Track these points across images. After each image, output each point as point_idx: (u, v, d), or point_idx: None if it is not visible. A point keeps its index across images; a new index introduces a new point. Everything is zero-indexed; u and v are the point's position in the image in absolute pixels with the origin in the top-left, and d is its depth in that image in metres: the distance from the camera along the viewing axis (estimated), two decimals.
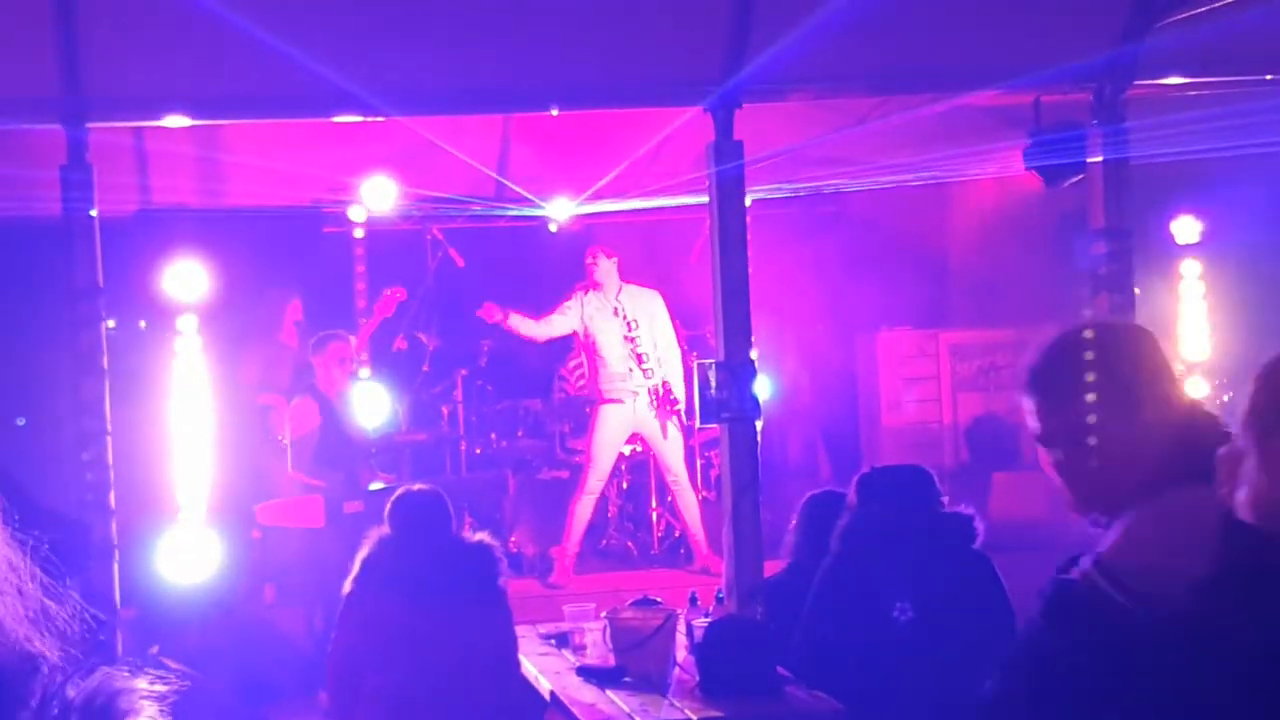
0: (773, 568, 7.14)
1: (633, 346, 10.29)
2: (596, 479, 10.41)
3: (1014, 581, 5.83)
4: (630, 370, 10.29)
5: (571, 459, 10.95)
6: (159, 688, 1.47)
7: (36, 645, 1.41)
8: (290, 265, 10.62)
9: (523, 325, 10.52)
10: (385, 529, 6.24)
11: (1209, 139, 7.78)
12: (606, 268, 10.47)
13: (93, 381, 6.91)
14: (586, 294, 10.48)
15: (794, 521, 6.71)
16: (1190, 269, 10.41)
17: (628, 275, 10.66)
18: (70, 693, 1.41)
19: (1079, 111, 7.02)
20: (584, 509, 10.41)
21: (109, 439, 6.93)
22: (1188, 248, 10.29)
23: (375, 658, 6.05)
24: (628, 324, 10.31)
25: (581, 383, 11.27)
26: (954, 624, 5.72)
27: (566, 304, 10.53)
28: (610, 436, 10.32)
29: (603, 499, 10.83)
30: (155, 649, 8.44)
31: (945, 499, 6.08)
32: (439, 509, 6.30)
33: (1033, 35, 6.82)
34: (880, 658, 5.73)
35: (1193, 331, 10.40)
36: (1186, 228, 10.31)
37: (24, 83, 6.85)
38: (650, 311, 10.45)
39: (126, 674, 1.46)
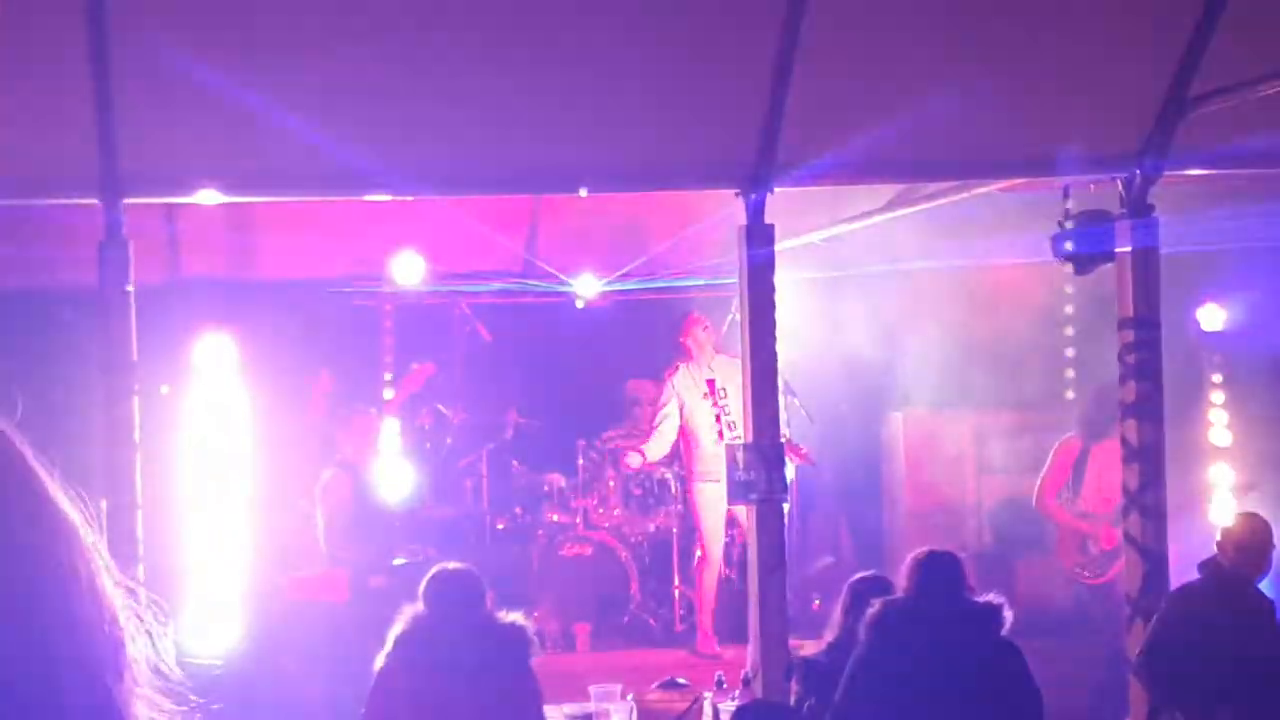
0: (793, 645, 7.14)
1: (720, 413, 10.20)
2: (715, 546, 10.45)
3: (1039, 665, 5.84)
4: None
5: (594, 534, 10.95)
6: None
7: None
8: (319, 338, 10.67)
9: (650, 453, 10.59)
10: (419, 606, 6.24)
11: (1241, 230, 7.84)
12: (701, 339, 10.45)
13: (125, 454, 6.94)
14: (677, 371, 10.46)
15: (840, 603, 6.73)
16: (1214, 358, 10.45)
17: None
18: None
19: (1108, 199, 7.06)
20: (709, 578, 10.45)
21: (139, 512, 6.95)
22: (1212, 335, 10.33)
23: None
24: (715, 393, 10.21)
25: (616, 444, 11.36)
26: (982, 711, 5.71)
27: (661, 398, 10.53)
28: (715, 512, 10.27)
29: (624, 576, 10.82)
30: None
31: (973, 585, 6.10)
32: (473, 588, 6.30)
33: (1064, 126, 6.86)
34: None
35: (1216, 418, 10.42)
36: (1212, 315, 10.35)
37: (63, 160, 6.93)
38: (738, 382, 10.35)
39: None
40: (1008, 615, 5.93)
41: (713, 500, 10.12)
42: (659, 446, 10.56)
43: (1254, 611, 6.69)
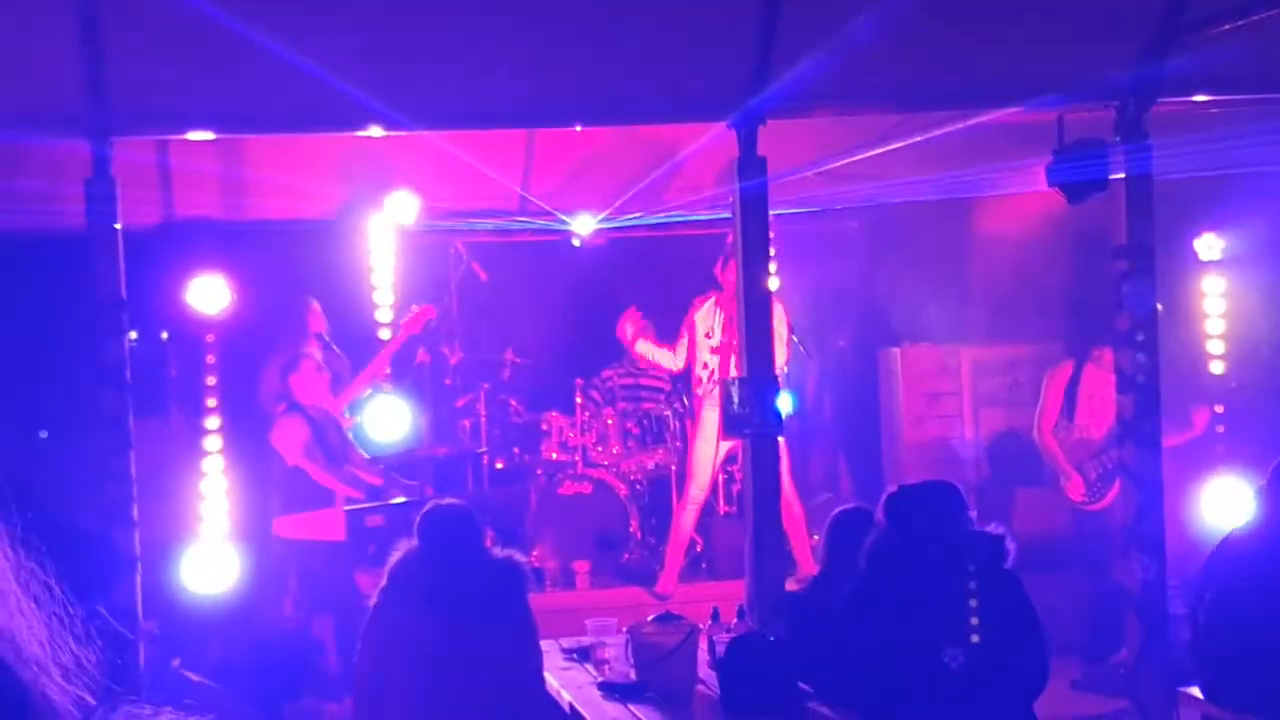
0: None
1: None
2: (697, 488, 10.42)
3: (1038, 597, 5.82)
4: None
5: (594, 473, 10.95)
6: None
7: (56, 678, 1.40)
8: (312, 278, 10.65)
9: (655, 354, 10.49)
10: (414, 542, 6.24)
11: (1233, 156, 7.78)
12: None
13: (116, 395, 6.93)
14: (702, 305, 10.32)
15: (822, 537, 6.72)
16: (1213, 285, 10.42)
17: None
18: None
19: (1102, 128, 7.00)
20: (686, 519, 10.44)
21: (131, 452, 6.94)
22: (1210, 264, 10.30)
23: (400, 670, 6.05)
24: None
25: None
26: (983, 644, 5.69)
27: (682, 326, 10.40)
28: (707, 442, 10.18)
29: (624, 514, 10.83)
30: (177, 661, 8.47)
31: (974, 515, 6.06)
32: (468, 524, 6.29)
33: (1056, 52, 6.81)
34: (908, 677, 5.70)
35: (1213, 348, 10.40)
36: (1209, 245, 10.32)
37: (50, 98, 6.89)
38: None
39: (150, 711, 1.45)
40: (1010, 547, 5.87)
41: (709, 430, 10.11)
42: (668, 357, 10.46)
43: None
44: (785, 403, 9.14)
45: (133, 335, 8.15)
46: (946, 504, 5.96)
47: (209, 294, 9.50)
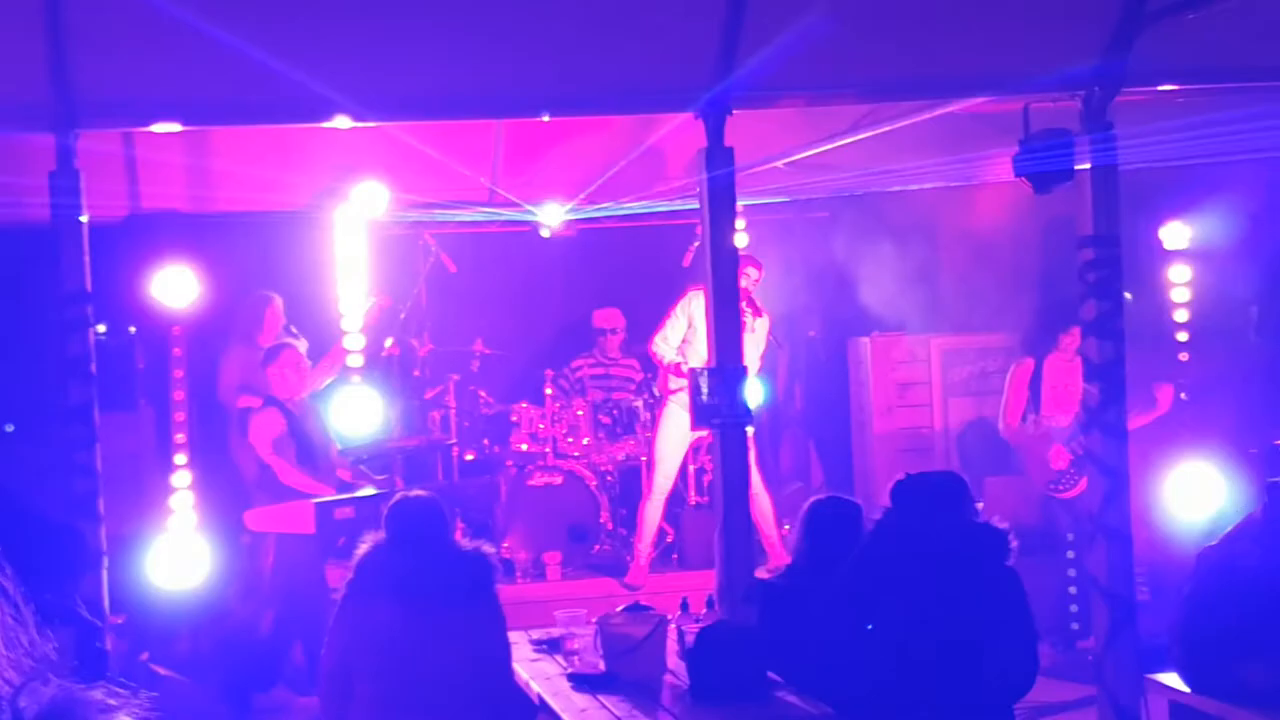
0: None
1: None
2: (663, 478, 10.42)
3: None
4: None
5: (564, 464, 10.95)
6: (113, 702, 1.45)
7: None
8: (280, 270, 10.62)
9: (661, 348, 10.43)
10: (381, 534, 6.23)
11: (1198, 146, 7.81)
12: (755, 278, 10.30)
13: (81, 387, 6.89)
14: (688, 295, 10.25)
15: (797, 526, 6.74)
16: (1179, 274, 10.47)
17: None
18: (22, 703, 1.39)
19: (1068, 118, 7.02)
20: (652, 510, 10.44)
21: (98, 446, 6.91)
22: (1177, 253, 10.35)
23: (368, 662, 6.04)
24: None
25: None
26: (977, 640, 5.70)
27: (674, 311, 10.35)
28: (678, 434, 10.21)
29: (594, 505, 10.84)
30: (146, 655, 8.45)
31: (980, 506, 6.08)
32: (436, 515, 6.29)
33: (1022, 42, 6.82)
34: (895, 666, 5.70)
35: (1179, 335, 10.46)
36: (1176, 233, 10.37)
37: (13, 89, 6.84)
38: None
39: (82, 687, 1.45)
40: (1014, 544, 5.86)
41: (675, 420, 10.12)
42: (665, 347, 10.41)
43: None
44: (756, 393, 9.16)
45: (100, 329, 8.12)
46: (953, 495, 5.97)
47: (176, 286, 9.47)
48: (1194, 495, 9.79)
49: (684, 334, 10.22)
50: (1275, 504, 6.71)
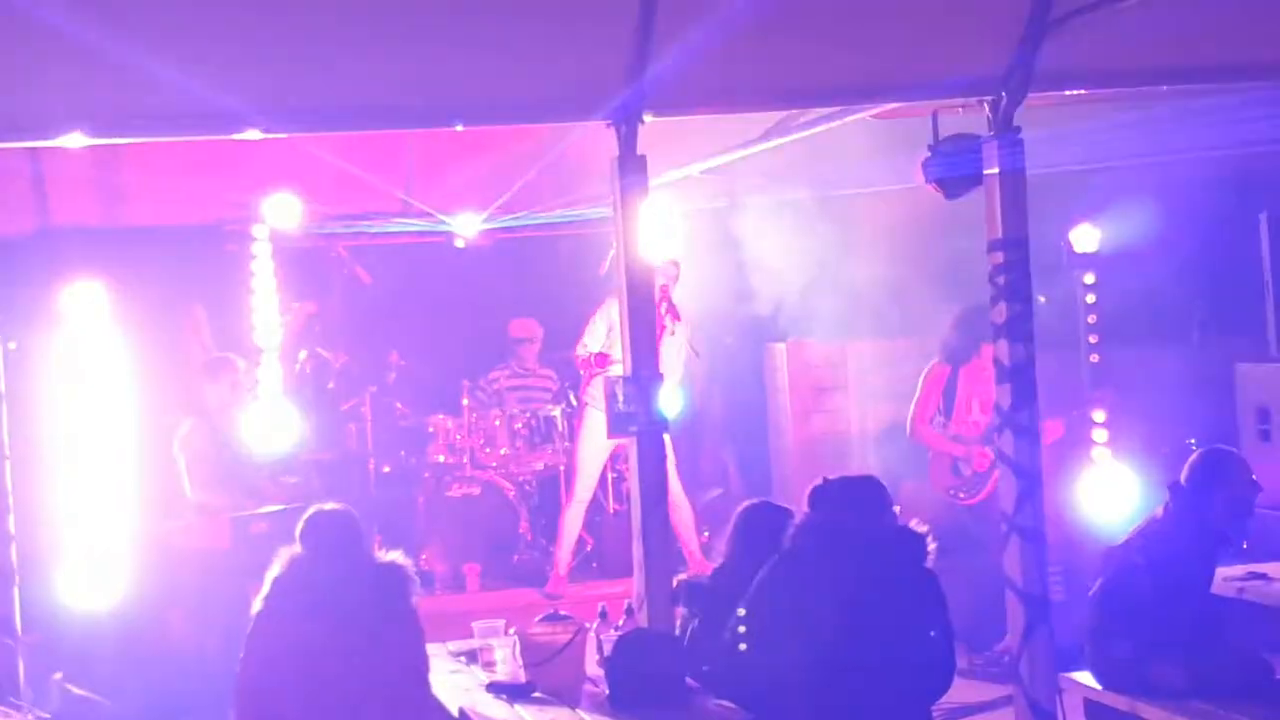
0: None
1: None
2: (584, 488, 10.39)
3: None
4: None
5: (482, 474, 10.92)
6: None
7: None
8: (194, 284, 10.52)
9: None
10: (296, 548, 6.19)
11: (1105, 149, 7.91)
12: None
13: None
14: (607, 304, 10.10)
15: (728, 530, 6.80)
16: (1089, 276, 10.57)
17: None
18: None
19: (976, 124, 7.08)
20: (572, 518, 10.39)
21: (7, 463, 6.82)
22: (1086, 257, 10.46)
23: (285, 678, 6.00)
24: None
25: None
26: (896, 642, 5.74)
27: (595, 316, 10.24)
28: (598, 441, 10.06)
29: (513, 515, 10.81)
30: (59, 675, 8.34)
31: (898, 509, 6.15)
32: (350, 528, 6.27)
33: (929, 48, 6.87)
34: (811, 669, 5.71)
35: (1084, 339, 10.57)
36: (1085, 236, 10.48)
37: None
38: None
39: None
40: (931, 547, 5.95)
41: (595, 428, 10.08)
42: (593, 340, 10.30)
43: None
44: (675, 400, 9.18)
45: (11, 345, 8.02)
46: (872, 498, 6.04)
47: (87, 301, 9.35)
48: (1107, 495, 9.90)
49: (603, 341, 10.22)
50: (1176, 504, 6.86)
